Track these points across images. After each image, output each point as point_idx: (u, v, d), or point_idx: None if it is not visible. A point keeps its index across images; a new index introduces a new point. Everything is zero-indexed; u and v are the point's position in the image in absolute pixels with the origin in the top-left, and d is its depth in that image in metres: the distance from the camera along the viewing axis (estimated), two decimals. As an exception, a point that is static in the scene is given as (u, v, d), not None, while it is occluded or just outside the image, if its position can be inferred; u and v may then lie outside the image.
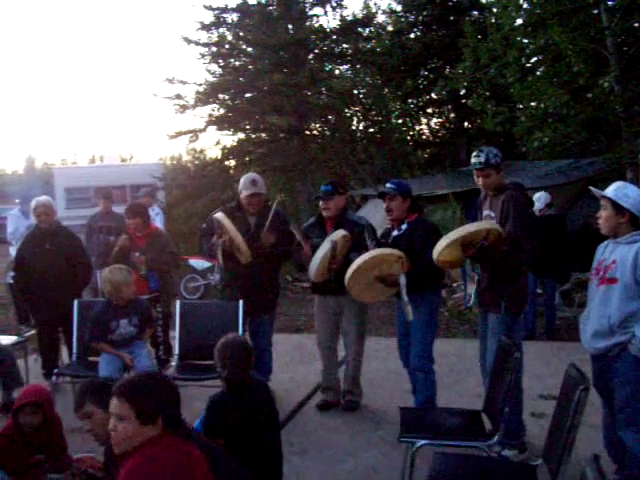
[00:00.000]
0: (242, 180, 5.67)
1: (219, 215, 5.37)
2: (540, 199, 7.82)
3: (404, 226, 5.03)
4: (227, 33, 16.86)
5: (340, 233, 5.15)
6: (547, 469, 3.08)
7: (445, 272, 5.78)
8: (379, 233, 5.39)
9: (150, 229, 6.41)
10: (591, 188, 4.04)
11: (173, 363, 5.60)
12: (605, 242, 3.90)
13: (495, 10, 12.61)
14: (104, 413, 3.18)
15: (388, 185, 5.12)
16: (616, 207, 3.69)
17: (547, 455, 3.17)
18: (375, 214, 10.44)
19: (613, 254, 3.74)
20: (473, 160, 4.50)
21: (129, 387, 2.50)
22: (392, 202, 5.04)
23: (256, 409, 3.44)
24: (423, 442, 3.66)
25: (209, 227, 5.59)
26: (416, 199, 5.45)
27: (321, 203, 5.43)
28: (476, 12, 16.90)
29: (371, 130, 18.37)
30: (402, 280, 4.70)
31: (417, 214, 5.10)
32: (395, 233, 5.08)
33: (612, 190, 3.75)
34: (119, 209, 8.29)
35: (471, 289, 4.63)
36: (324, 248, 5.10)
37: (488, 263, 4.40)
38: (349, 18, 16.87)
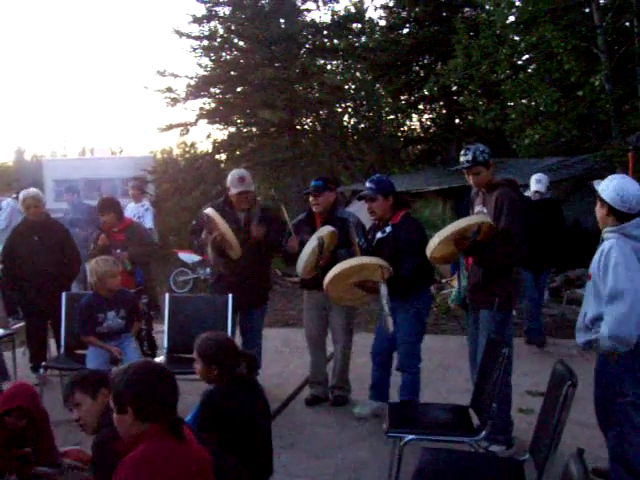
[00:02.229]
0: (229, 177, 5.56)
1: (209, 211, 5.30)
2: (541, 180, 7.15)
3: (388, 229, 4.94)
4: (219, 26, 16.80)
5: (327, 229, 5.12)
6: (534, 464, 3.10)
7: (434, 269, 5.75)
8: (368, 227, 5.37)
9: (126, 222, 6.33)
10: (592, 182, 3.94)
11: (157, 358, 5.58)
12: None
13: (487, 7, 12.63)
14: (92, 401, 3.20)
15: (367, 185, 4.99)
16: (600, 199, 3.62)
17: (534, 450, 3.19)
18: (365, 209, 10.42)
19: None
20: (461, 159, 4.46)
21: (112, 375, 2.54)
22: (373, 203, 4.93)
23: (250, 403, 3.44)
24: (411, 437, 3.67)
25: (199, 223, 5.53)
26: (400, 194, 5.31)
27: (311, 199, 5.40)
28: (468, 9, 16.90)
29: (362, 126, 18.37)
30: (383, 290, 4.60)
31: (404, 211, 5.01)
32: (379, 235, 5.00)
33: (601, 182, 3.69)
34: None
35: (464, 280, 4.52)
36: (311, 244, 5.07)
37: (481, 257, 4.37)
38: (341, 13, 16.88)
